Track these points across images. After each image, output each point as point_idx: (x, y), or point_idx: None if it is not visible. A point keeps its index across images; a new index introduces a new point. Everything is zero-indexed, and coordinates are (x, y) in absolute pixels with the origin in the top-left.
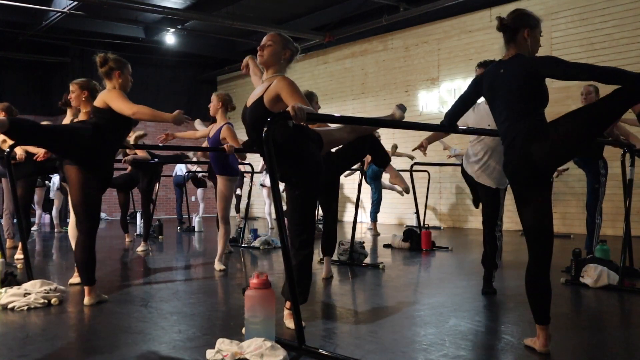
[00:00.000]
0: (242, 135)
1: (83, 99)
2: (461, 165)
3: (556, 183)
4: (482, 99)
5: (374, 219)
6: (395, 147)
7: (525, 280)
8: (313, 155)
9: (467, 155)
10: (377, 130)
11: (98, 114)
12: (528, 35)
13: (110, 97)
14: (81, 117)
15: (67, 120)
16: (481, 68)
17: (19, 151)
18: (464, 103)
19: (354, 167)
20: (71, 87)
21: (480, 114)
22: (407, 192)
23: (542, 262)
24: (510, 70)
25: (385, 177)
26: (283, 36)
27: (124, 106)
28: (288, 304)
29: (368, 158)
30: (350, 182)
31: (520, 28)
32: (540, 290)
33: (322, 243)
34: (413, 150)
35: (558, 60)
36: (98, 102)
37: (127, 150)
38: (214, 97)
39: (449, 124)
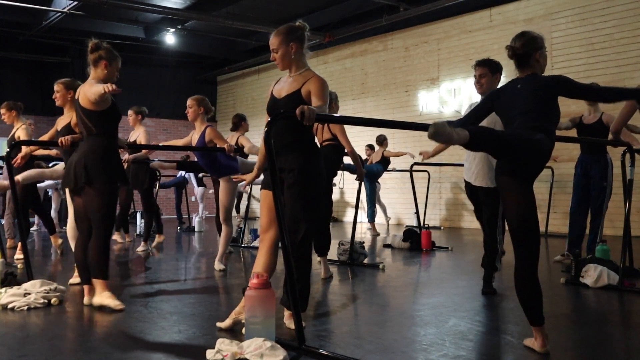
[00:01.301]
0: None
1: (69, 98)
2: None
3: (556, 183)
4: None
5: (371, 219)
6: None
7: (515, 282)
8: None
9: (464, 164)
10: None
11: (90, 117)
12: (539, 57)
13: (87, 89)
14: (71, 119)
15: (65, 119)
16: (480, 67)
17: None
18: (477, 115)
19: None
20: (56, 87)
21: None
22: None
23: (529, 263)
24: (526, 87)
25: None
26: (282, 33)
27: (89, 92)
28: None
29: (372, 156)
30: (350, 183)
31: (531, 53)
32: (530, 292)
33: (314, 243)
34: (420, 153)
35: (570, 80)
36: (83, 102)
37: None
38: (192, 102)
39: None
